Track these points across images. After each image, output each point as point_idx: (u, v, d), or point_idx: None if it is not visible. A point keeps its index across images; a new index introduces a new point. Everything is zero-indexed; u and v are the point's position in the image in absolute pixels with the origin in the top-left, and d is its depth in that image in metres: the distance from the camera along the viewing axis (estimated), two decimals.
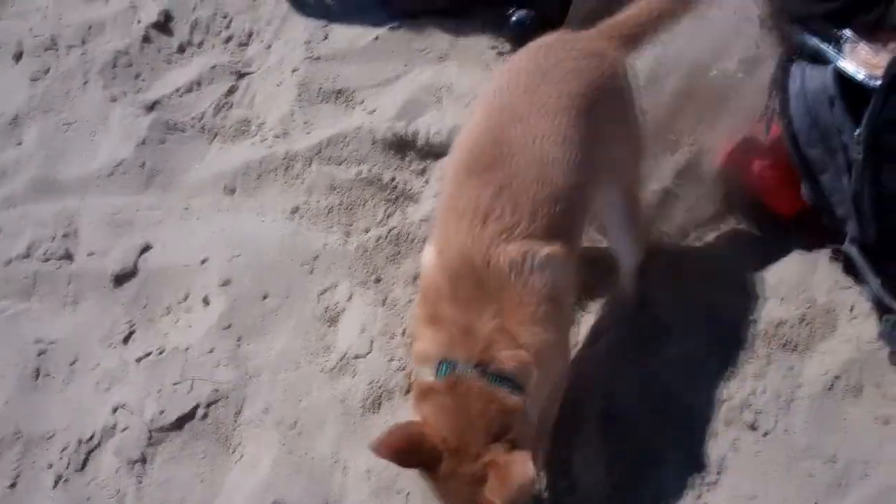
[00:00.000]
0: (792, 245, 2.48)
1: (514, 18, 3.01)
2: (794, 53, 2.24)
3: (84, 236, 2.55)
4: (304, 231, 2.55)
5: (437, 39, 3.09)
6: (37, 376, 2.35)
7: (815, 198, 2.30)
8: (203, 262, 2.48)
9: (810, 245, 2.46)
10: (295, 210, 2.61)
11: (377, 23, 3.13)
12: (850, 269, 2.34)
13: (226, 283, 2.43)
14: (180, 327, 2.39)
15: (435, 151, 2.79)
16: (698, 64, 2.59)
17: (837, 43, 2.17)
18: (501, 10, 3.07)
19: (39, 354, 2.36)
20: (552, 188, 1.94)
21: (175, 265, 2.48)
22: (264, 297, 2.41)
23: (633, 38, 2.24)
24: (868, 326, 2.28)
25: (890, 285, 2.20)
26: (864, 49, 2.14)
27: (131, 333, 2.38)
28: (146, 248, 2.52)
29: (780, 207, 2.44)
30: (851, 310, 2.33)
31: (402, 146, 2.77)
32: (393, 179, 2.69)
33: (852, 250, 2.28)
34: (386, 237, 2.53)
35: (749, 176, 2.44)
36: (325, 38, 3.09)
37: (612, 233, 2.31)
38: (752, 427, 2.17)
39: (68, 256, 2.50)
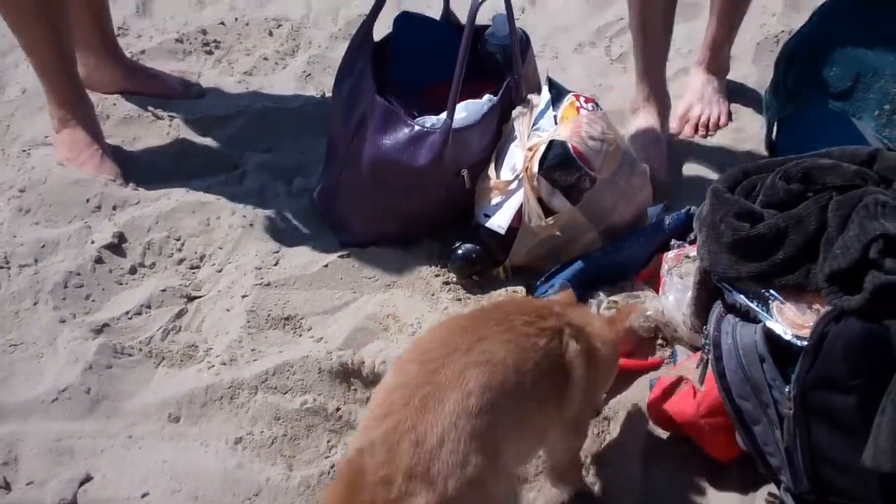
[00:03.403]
0: (729, 486, 2.53)
1: (459, 251, 3.14)
2: (727, 310, 2.36)
3: (24, 464, 2.51)
4: (248, 463, 2.55)
5: (385, 268, 3.18)
6: None
7: (750, 447, 2.38)
8: (144, 495, 2.46)
9: (747, 487, 2.51)
10: (238, 441, 2.61)
11: (328, 250, 3.23)
12: None
13: None
14: None
15: (381, 380, 2.83)
16: None
17: (764, 302, 2.29)
18: (448, 242, 3.20)
19: None
20: None
21: (115, 498, 2.45)
22: None
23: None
24: None
25: None
26: (790, 309, 2.25)
27: None
28: (87, 479, 2.49)
29: (716, 453, 2.52)
30: None
31: (347, 375, 2.81)
32: (338, 409, 2.72)
33: (787, 499, 2.35)
34: (329, 472, 2.54)
35: (684, 421, 2.51)
36: (276, 263, 3.17)
37: None
38: None
39: (6, 486, 2.46)
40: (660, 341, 2.93)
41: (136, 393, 2.74)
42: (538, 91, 3.26)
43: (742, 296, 2.31)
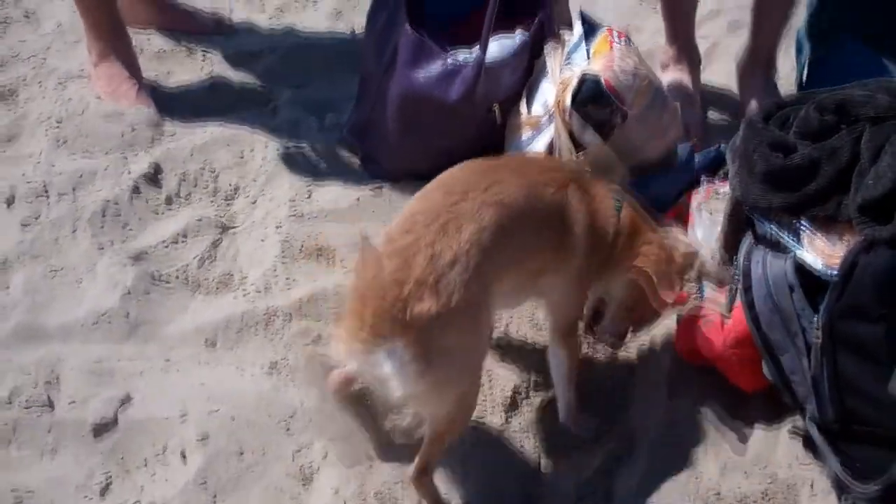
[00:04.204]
0: (754, 418, 2.57)
1: None
2: (757, 242, 2.38)
3: (66, 385, 2.59)
4: (282, 387, 2.61)
5: None
6: None
7: (776, 377, 2.41)
8: (182, 415, 2.52)
9: (772, 418, 2.56)
10: (274, 365, 2.67)
11: (359, 184, 3.27)
12: (810, 445, 2.43)
13: (203, 437, 2.47)
14: (157, 481, 2.41)
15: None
16: None
17: (795, 233, 2.31)
18: None
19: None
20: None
21: (154, 418, 2.52)
22: (241, 454, 2.45)
23: None
24: None
25: (848, 465, 2.30)
26: (820, 240, 2.28)
27: (108, 485, 2.39)
28: (126, 400, 2.56)
29: (742, 384, 2.55)
30: (812, 486, 2.40)
31: None
32: None
33: (812, 429, 2.38)
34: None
35: (711, 353, 2.55)
36: (309, 196, 3.21)
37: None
38: None
39: (49, 405, 2.54)
40: (687, 277, 2.95)
41: (174, 319, 2.81)
42: (569, 28, 3.26)
43: (773, 226, 2.33)
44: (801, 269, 2.28)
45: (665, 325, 2.78)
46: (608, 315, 2.61)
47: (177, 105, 3.55)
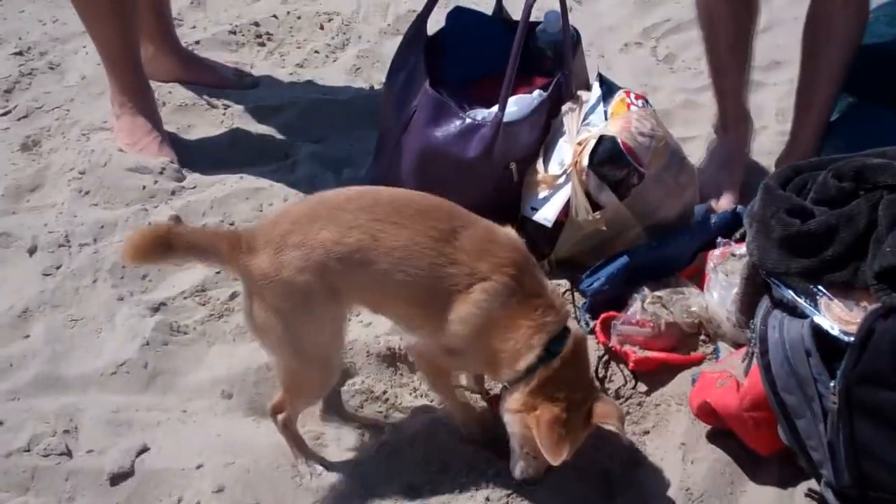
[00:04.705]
0: (769, 481, 2.56)
1: None
2: (774, 306, 2.40)
3: (84, 434, 2.61)
4: None
5: None
6: None
7: (792, 441, 2.41)
8: (198, 467, 2.54)
9: (787, 482, 2.54)
10: None
11: None
12: None
13: (219, 489, 2.48)
14: None
15: None
16: None
17: (812, 298, 2.32)
18: None
19: None
20: None
21: (171, 468, 2.54)
22: None
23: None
24: None
25: None
26: (838, 306, 2.29)
27: None
28: (143, 450, 2.58)
29: (758, 447, 2.55)
30: None
31: (394, 360, 2.88)
32: (385, 392, 2.78)
33: (828, 494, 2.37)
34: (377, 449, 2.61)
35: (727, 415, 2.55)
36: None
37: None
38: None
39: (68, 453, 2.56)
40: (703, 337, 2.96)
41: (191, 370, 2.83)
42: (586, 88, 3.31)
43: (790, 291, 2.34)
44: (819, 334, 2.28)
45: (680, 386, 2.78)
46: (512, 451, 2.46)
47: (197, 158, 3.60)
